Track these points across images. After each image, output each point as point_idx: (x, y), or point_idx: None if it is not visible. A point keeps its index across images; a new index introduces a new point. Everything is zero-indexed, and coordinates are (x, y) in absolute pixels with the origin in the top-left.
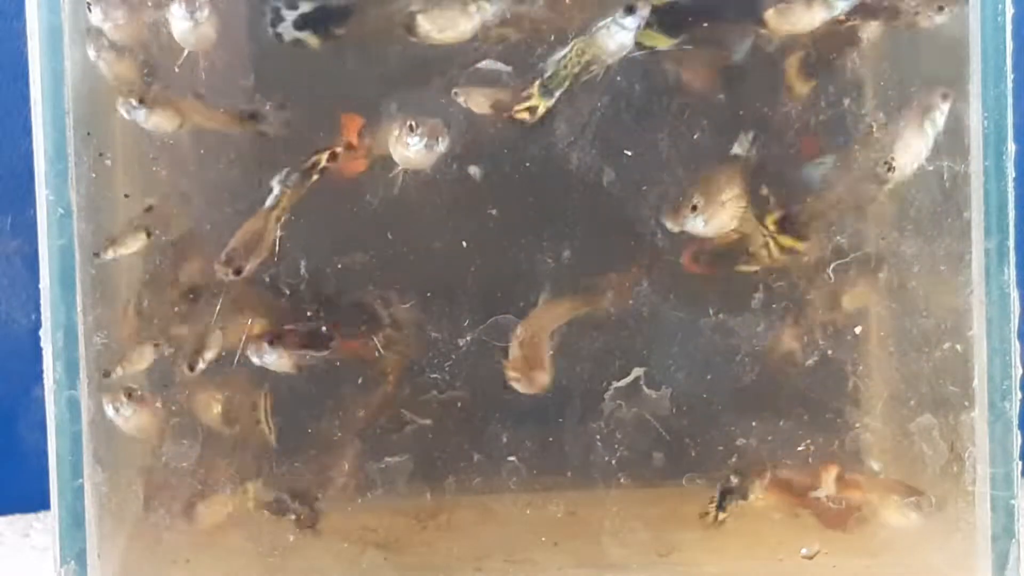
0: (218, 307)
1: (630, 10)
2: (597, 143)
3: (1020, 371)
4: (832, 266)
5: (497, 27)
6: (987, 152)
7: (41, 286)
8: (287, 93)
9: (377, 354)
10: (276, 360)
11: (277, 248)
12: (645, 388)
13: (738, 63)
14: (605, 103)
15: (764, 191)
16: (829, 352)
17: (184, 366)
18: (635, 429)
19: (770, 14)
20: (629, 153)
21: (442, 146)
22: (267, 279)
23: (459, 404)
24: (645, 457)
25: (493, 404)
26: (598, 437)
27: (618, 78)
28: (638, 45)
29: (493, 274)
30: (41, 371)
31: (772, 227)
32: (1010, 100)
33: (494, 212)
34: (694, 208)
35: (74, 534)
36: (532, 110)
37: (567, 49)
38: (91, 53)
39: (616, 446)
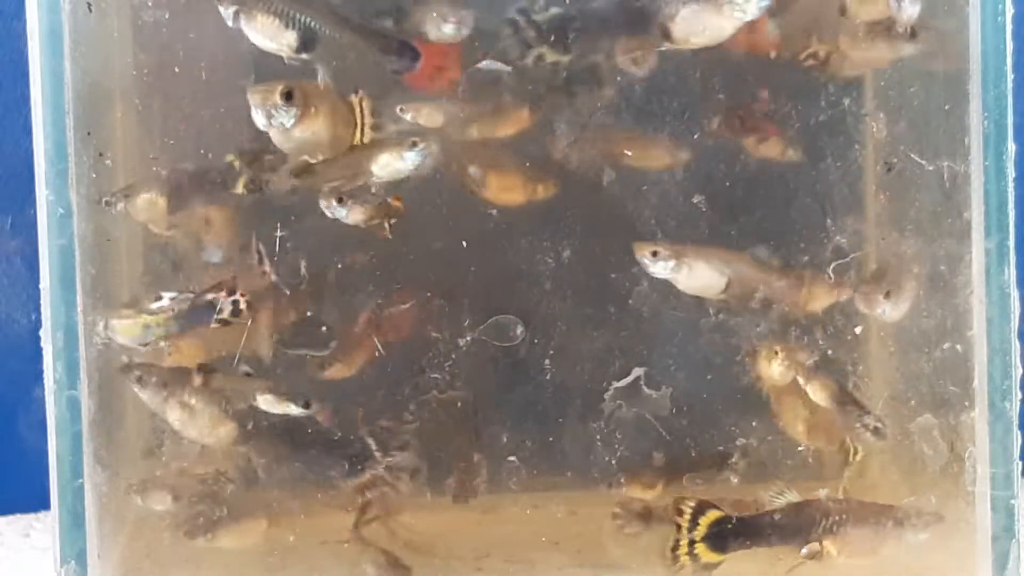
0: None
1: None
2: (597, 143)
3: (1020, 371)
4: (832, 266)
5: None
6: (987, 152)
7: (41, 286)
8: None
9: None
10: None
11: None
12: (645, 388)
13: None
14: (605, 103)
15: None
16: (829, 352)
17: None
18: (635, 429)
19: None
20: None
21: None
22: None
23: (459, 404)
24: (645, 457)
25: (493, 404)
26: (598, 437)
27: (618, 78)
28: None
29: (493, 274)
30: (41, 371)
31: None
32: (1010, 100)
33: (494, 212)
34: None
35: (74, 534)
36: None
37: None
38: None
39: (616, 446)
